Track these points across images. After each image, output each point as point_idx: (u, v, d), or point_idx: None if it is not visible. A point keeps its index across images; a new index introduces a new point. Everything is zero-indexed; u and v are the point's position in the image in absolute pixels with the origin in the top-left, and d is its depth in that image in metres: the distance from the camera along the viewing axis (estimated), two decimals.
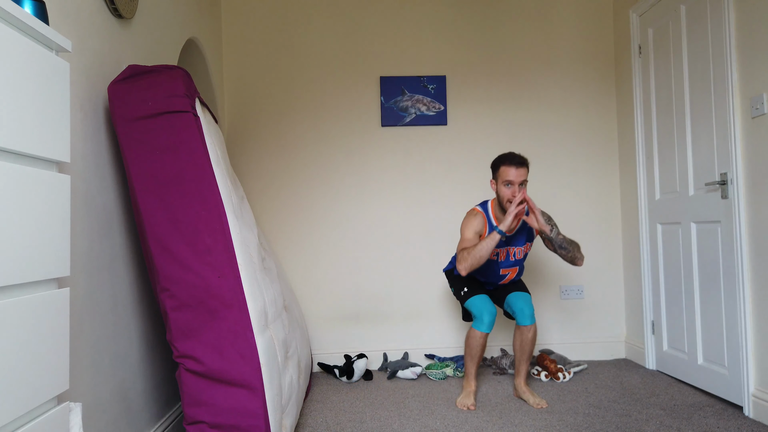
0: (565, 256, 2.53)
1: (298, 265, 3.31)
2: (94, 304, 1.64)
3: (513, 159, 2.47)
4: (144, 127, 1.73)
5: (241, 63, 3.33)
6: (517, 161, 2.46)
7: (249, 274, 1.81)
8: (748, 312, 2.31)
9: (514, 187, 2.45)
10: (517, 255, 2.61)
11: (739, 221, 2.34)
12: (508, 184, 2.45)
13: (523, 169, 2.46)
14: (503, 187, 2.48)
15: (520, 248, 2.61)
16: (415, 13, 3.40)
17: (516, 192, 2.44)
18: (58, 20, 1.48)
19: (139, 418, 1.93)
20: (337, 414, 2.46)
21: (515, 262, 2.63)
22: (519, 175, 2.45)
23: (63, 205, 1.14)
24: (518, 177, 2.45)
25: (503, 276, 2.65)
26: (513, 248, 2.60)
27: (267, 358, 1.75)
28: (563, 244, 2.50)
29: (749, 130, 2.30)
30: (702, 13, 2.56)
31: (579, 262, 2.55)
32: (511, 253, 2.60)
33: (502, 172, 2.49)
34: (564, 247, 2.50)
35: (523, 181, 2.46)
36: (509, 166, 2.46)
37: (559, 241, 2.49)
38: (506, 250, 2.59)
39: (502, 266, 2.62)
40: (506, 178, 2.46)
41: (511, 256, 2.60)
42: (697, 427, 2.18)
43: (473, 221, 2.56)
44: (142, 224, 1.73)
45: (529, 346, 2.56)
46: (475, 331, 2.53)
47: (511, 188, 2.45)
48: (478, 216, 2.58)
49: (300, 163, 3.33)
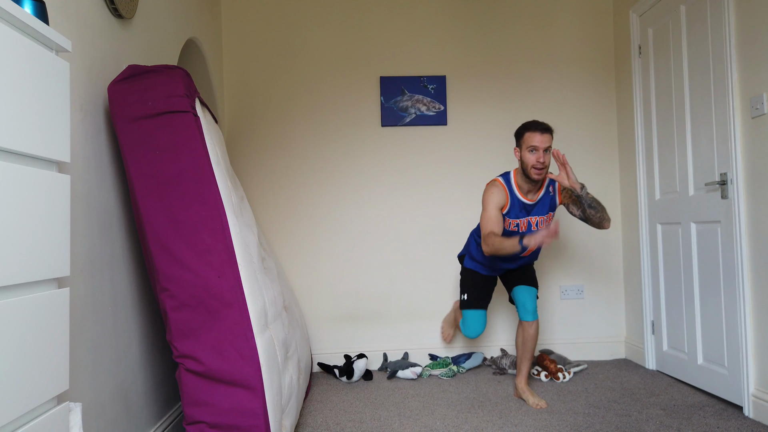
0: (593, 217, 2.43)
1: (298, 265, 3.31)
2: (94, 304, 1.64)
3: (538, 125, 2.42)
4: (144, 127, 1.73)
5: (241, 63, 3.33)
6: (542, 127, 2.41)
7: (249, 274, 1.81)
8: (748, 312, 2.31)
9: (539, 152, 2.39)
10: (539, 225, 2.53)
11: (739, 221, 2.34)
12: (533, 150, 2.40)
13: (548, 135, 2.41)
14: (528, 153, 2.42)
15: (542, 217, 2.53)
16: (415, 13, 3.40)
17: (541, 157, 2.38)
18: (58, 20, 1.48)
19: (139, 418, 1.94)
20: (337, 414, 2.46)
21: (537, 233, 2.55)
22: (544, 140, 2.39)
23: (63, 205, 1.14)
24: (543, 143, 2.39)
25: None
26: (535, 218, 2.53)
27: (267, 358, 1.75)
28: (593, 203, 2.41)
29: (749, 130, 2.30)
30: (702, 13, 2.56)
31: (606, 224, 2.46)
32: (533, 223, 2.53)
33: (526, 138, 2.43)
34: (593, 206, 2.41)
35: (548, 148, 2.40)
36: (534, 132, 2.41)
37: (589, 200, 2.41)
38: (527, 220, 2.52)
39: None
40: (531, 144, 2.40)
41: (533, 226, 2.53)
42: (697, 427, 2.18)
43: (496, 194, 2.49)
44: (142, 224, 1.73)
45: (531, 343, 2.54)
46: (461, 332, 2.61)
47: (535, 154, 2.40)
48: (499, 188, 2.51)
49: (300, 163, 3.33)
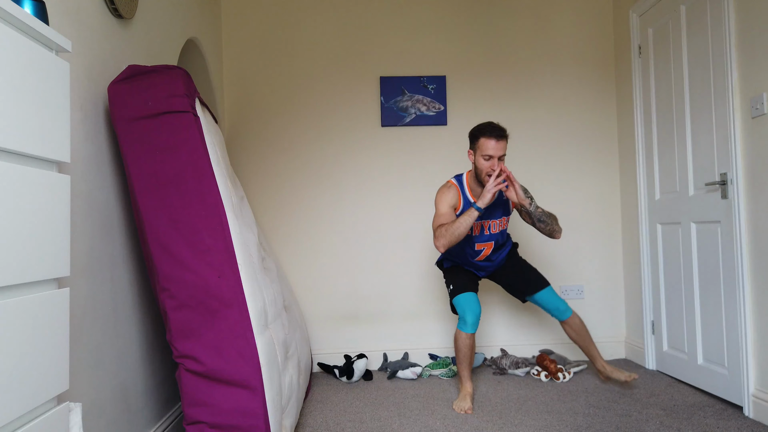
0: (543, 230, 2.47)
1: (298, 265, 3.31)
2: (94, 304, 1.64)
3: (493, 131, 2.37)
4: (144, 127, 1.73)
5: (241, 63, 3.33)
6: (497, 133, 2.36)
7: (249, 274, 1.81)
8: (748, 312, 2.31)
9: (494, 160, 2.36)
10: (492, 229, 2.53)
11: (739, 221, 2.34)
12: (488, 158, 2.37)
13: (503, 142, 2.37)
14: (482, 159, 2.39)
15: (495, 221, 2.53)
16: (415, 13, 3.40)
17: (495, 165, 2.35)
18: (58, 20, 1.48)
19: (139, 418, 1.94)
20: (337, 414, 2.46)
21: (491, 237, 2.55)
22: (499, 148, 2.35)
23: (63, 205, 1.14)
24: (498, 151, 2.35)
25: (479, 251, 2.57)
26: (488, 221, 2.52)
27: (267, 358, 1.75)
28: (542, 218, 2.43)
29: (749, 130, 2.30)
30: (702, 13, 2.56)
31: (557, 235, 2.49)
32: (485, 227, 2.52)
33: (481, 144, 2.39)
34: (543, 220, 2.44)
35: (502, 155, 2.37)
36: (489, 138, 2.36)
37: (538, 215, 2.43)
38: (480, 224, 2.51)
39: (476, 241, 2.55)
40: (485, 152, 2.36)
41: (486, 230, 2.53)
42: (697, 427, 2.18)
43: (447, 194, 2.48)
44: (142, 224, 1.73)
45: (584, 331, 2.59)
46: (460, 332, 2.50)
47: (490, 161, 2.36)
48: (452, 189, 2.50)
49: (300, 163, 3.33)
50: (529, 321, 3.35)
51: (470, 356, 2.52)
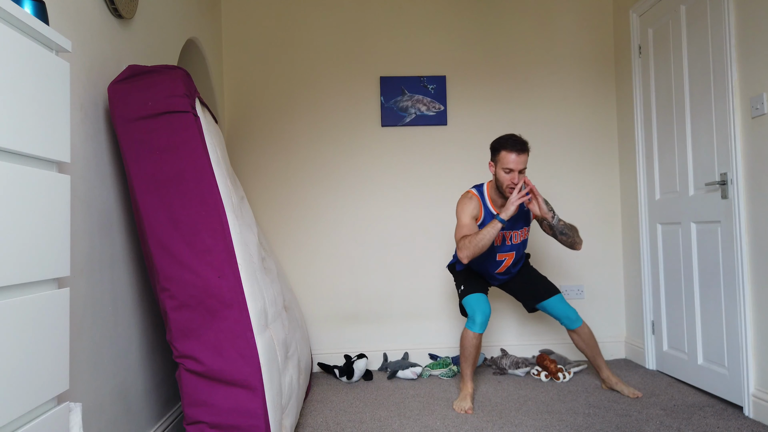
0: (564, 242, 2.49)
1: (298, 265, 3.31)
2: (94, 304, 1.64)
3: (515, 144, 2.39)
4: (144, 127, 1.73)
5: (241, 63, 3.33)
6: (518, 147, 2.39)
7: (249, 274, 1.81)
8: (748, 312, 2.31)
9: (514, 173, 2.39)
10: (514, 239, 2.56)
11: (739, 221, 2.34)
12: (508, 171, 2.40)
13: (524, 156, 2.40)
14: (503, 172, 2.42)
15: (517, 232, 2.56)
16: (415, 13, 3.40)
17: (515, 178, 2.38)
18: (58, 20, 1.48)
19: (139, 418, 1.93)
20: (337, 414, 2.46)
21: (512, 247, 2.58)
22: (519, 162, 2.38)
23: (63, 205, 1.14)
24: (519, 165, 2.38)
25: (501, 262, 2.59)
26: (510, 232, 2.55)
27: (267, 358, 1.75)
28: (564, 230, 2.46)
29: (749, 130, 2.30)
30: (702, 13, 2.56)
31: (578, 247, 2.51)
32: (507, 237, 2.55)
33: (502, 157, 2.41)
34: (564, 233, 2.46)
35: (523, 169, 2.40)
36: (510, 152, 2.39)
37: (561, 228, 2.45)
38: (502, 234, 2.54)
39: (498, 251, 2.57)
40: (506, 165, 2.39)
41: (507, 241, 2.55)
42: (697, 427, 2.18)
43: (469, 205, 2.50)
44: (142, 224, 1.73)
45: (592, 341, 2.59)
46: (468, 332, 2.52)
47: (510, 175, 2.39)
48: (473, 200, 2.52)
49: (300, 163, 3.33)
50: (529, 321, 3.35)
51: (475, 356, 2.54)
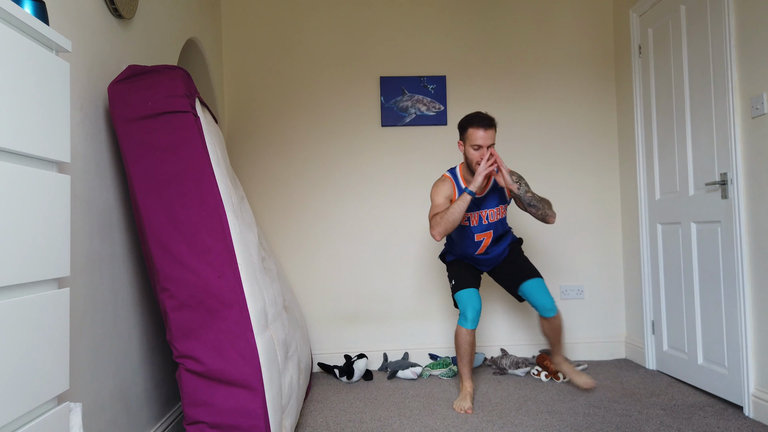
0: (535, 214, 2.48)
1: (298, 265, 3.31)
2: (94, 304, 1.64)
3: (481, 121, 2.41)
4: (144, 128, 1.73)
5: (241, 63, 3.33)
6: (485, 123, 2.40)
7: (249, 274, 1.81)
8: (748, 312, 2.31)
9: (483, 149, 2.40)
10: (490, 218, 2.57)
11: (739, 221, 2.34)
12: (477, 148, 2.41)
13: (491, 131, 2.41)
14: (471, 149, 2.43)
15: (492, 210, 2.57)
16: (415, 13, 3.40)
17: (485, 154, 2.39)
18: (58, 20, 1.48)
19: (139, 418, 1.94)
20: (337, 414, 2.46)
21: (489, 226, 2.58)
22: (487, 137, 2.39)
23: (63, 205, 1.14)
24: (486, 140, 2.39)
25: (479, 242, 2.60)
26: (485, 211, 2.56)
27: (267, 358, 1.75)
28: (532, 202, 2.45)
29: (749, 130, 2.30)
30: (702, 13, 2.56)
31: (550, 219, 2.50)
32: (483, 216, 2.56)
33: (470, 134, 2.43)
34: (533, 204, 2.45)
35: (492, 144, 2.41)
36: (477, 128, 2.40)
37: (528, 199, 2.44)
38: (478, 214, 2.56)
39: (475, 231, 2.58)
40: (474, 142, 2.41)
41: (484, 220, 2.57)
42: (697, 427, 2.18)
43: (442, 187, 2.53)
44: (142, 224, 1.73)
45: (559, 330, 2.62)
46: (461, 329, 2.53)
47: (480, 151, 2.41)
48: (446, 181, 2.55)
49: (300, 163, 3.33)
50: (529, 321, 3.35)
51: (470, 353, 2.54)
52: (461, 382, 2.58)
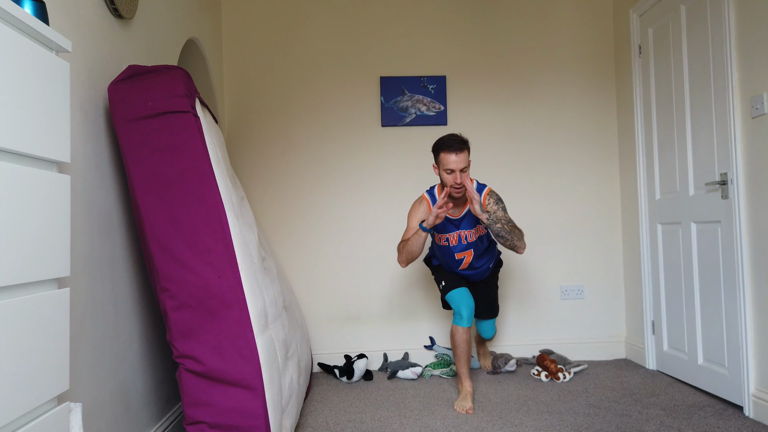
0: (504, 244, 2.45)
1: (298, 265, 3.31)
2: (94, 304, 1.64)
3: (452, 145, 2.40)
4: (144, 128, 1.73)
5: (241, 63, 3.33)
6: (456, 147, 2.39)
7: (249, 274, 1.81)
8: (748, 312, 2.31)
9: (456, 173, 2.39)
10: (468, 238, 2.59)
11: (739, 221, 2.34)
12: (449, 172, 2.41)
13: (463, 155, 2.40)
14: (444, 173, 2.44)
15: (470, 231, 2.58)
16: (415, 13, 3.40)
17: (458, 178, 2.39)
18: (59, 20, 1.48)
19: (139, 418, 1.94)
20: (337, 414, 2.46)
21: (468, 245, 2.61)
22: (459, 161, 2.39)
23: (63, 206, 1.14)
24: (458, 164, 2.38)
25: (460, 260, 2.64)
26: (464, 231, 2.58)
27: (267, 358, 1.75)
28: (500, 233, 2.39)
29: (749, 130, 2.30)
30: (702, 13, 2.56)
31: (519, 250, 2.49)
32: (462, 237, 2.59)
33: (442, 159, 2.43)
34: (501, 235, 2.40)
35: (465, 167, 2.40)
36: (448, 153, 2.40)
37: (496, 230, 2.39)
38: (457, 234, 2.59)
39: (455, 250, 2.62)
40: (447, 167, 2.41)
41: (462, 240, 2.59)
42: (698, 427, 2.18)
43: (418, 209, 2.58)
44: (142, 224, 1.73)
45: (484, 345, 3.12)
46: (457, 328, 2.55)
47: (452, 175, 2.41)
48: (423, 203, 2.60)
49: (300, 163, 3.33)
50: (529, 321, 3.35)
51: (468, 352, 2.56)
52: (460, 382, 2.59)
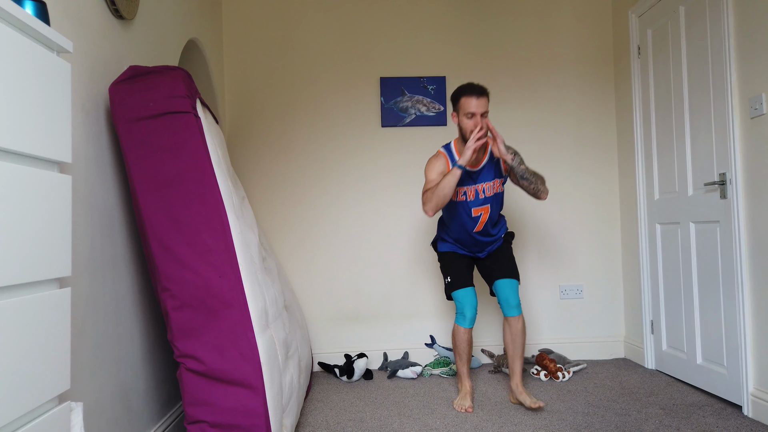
0: (527, 188, 2.43)
1: (299, 265, 3.31)
2: (95, 304, 1.65)
3: (473, 89, 2.39)
4: (145, 128, 1.74)
5: (241, 63, 3.34)
6: (477, 91, 2.38)
7: (250, 274, 1.81)
8: (747, 311, 2.32)
9: (476, 117, 2.37)
10: (486, 191, 2.51)
11: (738, 221, 2.34)
12: (471, 116, 2.38)
13: (484, 99, 2.39)
14: (465, 119, 2.40)
15: (488, 183, 2.51)
16: (415, 13, 3.40)
17: (479, 123, 2.37)
18: (59, 21, 1.48)
19: (140, 418, 1.94)
20: (337, 413, 2.46)
21: (485, 200, 2.52)
22: (480, 105, 2.37)
23: (64, 206, 1.14)
24: (479, 108, 2.37)
25: (477, 218, 2.52)
26: (481, 185, 2.50)
27: (268, 357, 1.75)
28: (525, 174, 2.39)
29: (748, 130, 2.30)
30: (701, 13, 2.57)
31: (542, 195, 2.46)
32: (479, 190, 2.50)
33: (463, 103, 2.40)
34: (525, 177, 2.39)
35: (485, 112, 2.39)
36: (470, 97, 2.38)
37: (521, 171, 2.38)
38: (474, 188, 2.50)
39: (472, 205, 2.51)
40: (468, 110, 2.38)
41: (480, 194, 2.50)
42: (696, 427, 2.18)
43: (436, 163, 2.50)
44: (143, 224, 1.73)
45: (520, 339, 2.49)
46: (459, 327, 2.53)
47: (473, 119, 2.38)
48: (440, 157, 2.52)
49: (300, 164, 3.34)
50: (528, 320, 3.35)
51: (468, 352, 2.56)
52: (460, 381, 2.59)
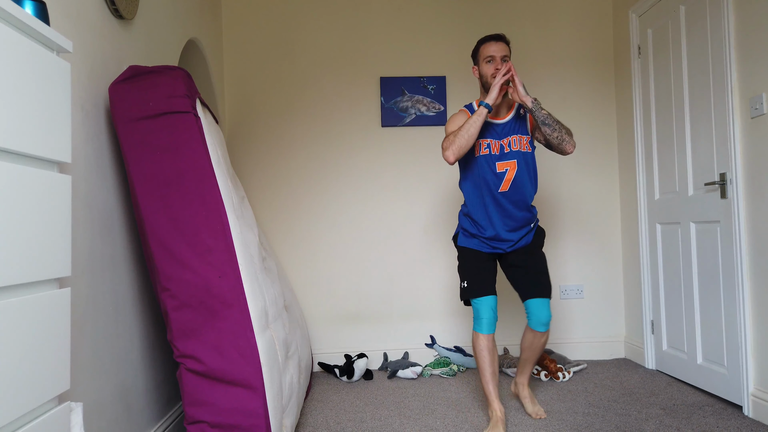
0: (550, 137, 2.23)
1: (298, 265, 3.31)
2: (95, 304, 1.64)
3: (490, 36, 2.37)
4: (145, 128, 1.74)
5: (241, 63, 3.34)
6: (495, 37, 2.36)
7: (249, 274, 1.81)
8: (747, 311, 2.32)
9: (496, 60, 2.32)
10: (512, 145, 2.31)
11: (738, 221, 2.34)
12: (490, 60, 2.33)
13: (503, 44, 2.35)
14: (485, 64, 2.34)
15: (515, 137, 2.33)
16: (415, 13, 3.40)
17: (498, 65, 2.31)
18: (59, 21, 1.48)
19: (140, 418, 1.94)
20: (337, 413, 2.46)
21: (512, 155, 2.30)
22: (500, 49, 2.33)
23: (64, 206, 1.14)
24: (499, 51, 2.33)
25: (502, 174, 2.30)
26: (507, 138, 2.33)
27: (267, 357, 1.75)
28: (546, 120, 2.20)
29: (748, 130, 2.30)
30: (701, 13, 2.57)
31: (568, 147, 2.26)
32: (504, 144, 2.32)
33: (482, 50, 2.36)
34: (548, 123, 2.20)
35: (505, 56, 2.33)
36: (488, 42, 2.35)
37: (542, 117, 2.19)
38: (498, 142, 2.32)
39: (498, 160, 2.30)
40: (487, 54, 2.33)
41: (506, 147, 2.31)
42: (697, 427, 2.18)
43: (457, 117, 2.39)
44: (143, 224, 1.73)
45: (540, 349, 2.36)
46: (477, 335, 2.27)
47: (493, 63, 2.33)
48: (461, 113, 2.41)
49: (300, 163, 3.34)
50: None
51: (493, 364, 2.24)
52: (488, 403, 2.26)
